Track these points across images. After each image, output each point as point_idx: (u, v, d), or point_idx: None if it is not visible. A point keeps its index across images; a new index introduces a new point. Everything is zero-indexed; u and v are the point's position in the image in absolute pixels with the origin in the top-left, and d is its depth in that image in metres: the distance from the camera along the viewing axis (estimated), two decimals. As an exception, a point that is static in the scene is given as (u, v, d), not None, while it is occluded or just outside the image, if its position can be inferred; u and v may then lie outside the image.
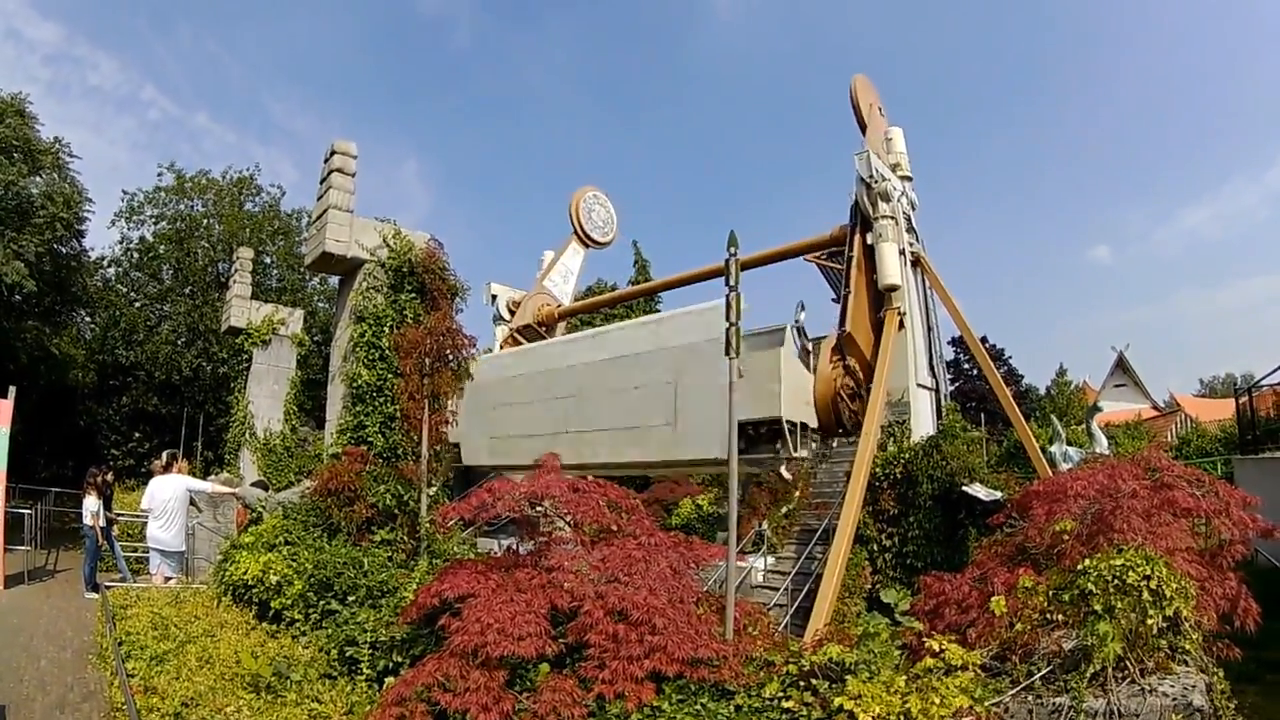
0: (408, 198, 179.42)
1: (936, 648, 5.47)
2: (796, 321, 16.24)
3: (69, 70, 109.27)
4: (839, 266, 17.83)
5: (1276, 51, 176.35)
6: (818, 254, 18.57)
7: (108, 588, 12.83)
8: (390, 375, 15.09)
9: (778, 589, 13.53)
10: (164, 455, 15.74)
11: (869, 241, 15.50)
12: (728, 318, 7.55)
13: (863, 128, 17.40)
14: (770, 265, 18.99)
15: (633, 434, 16.45)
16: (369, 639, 8.43)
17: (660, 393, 15.92)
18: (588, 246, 26.04)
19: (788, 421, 14.31)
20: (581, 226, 25.49)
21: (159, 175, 39.32)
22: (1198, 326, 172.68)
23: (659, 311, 39.08)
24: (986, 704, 5.06)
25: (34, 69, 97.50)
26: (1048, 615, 5.80)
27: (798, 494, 14.76)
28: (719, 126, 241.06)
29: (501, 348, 23.56)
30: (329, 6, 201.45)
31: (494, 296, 24.09)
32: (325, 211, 16.71)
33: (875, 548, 13.69)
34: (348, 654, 8.48)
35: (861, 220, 15.82)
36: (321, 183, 17.39)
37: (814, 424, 15.22)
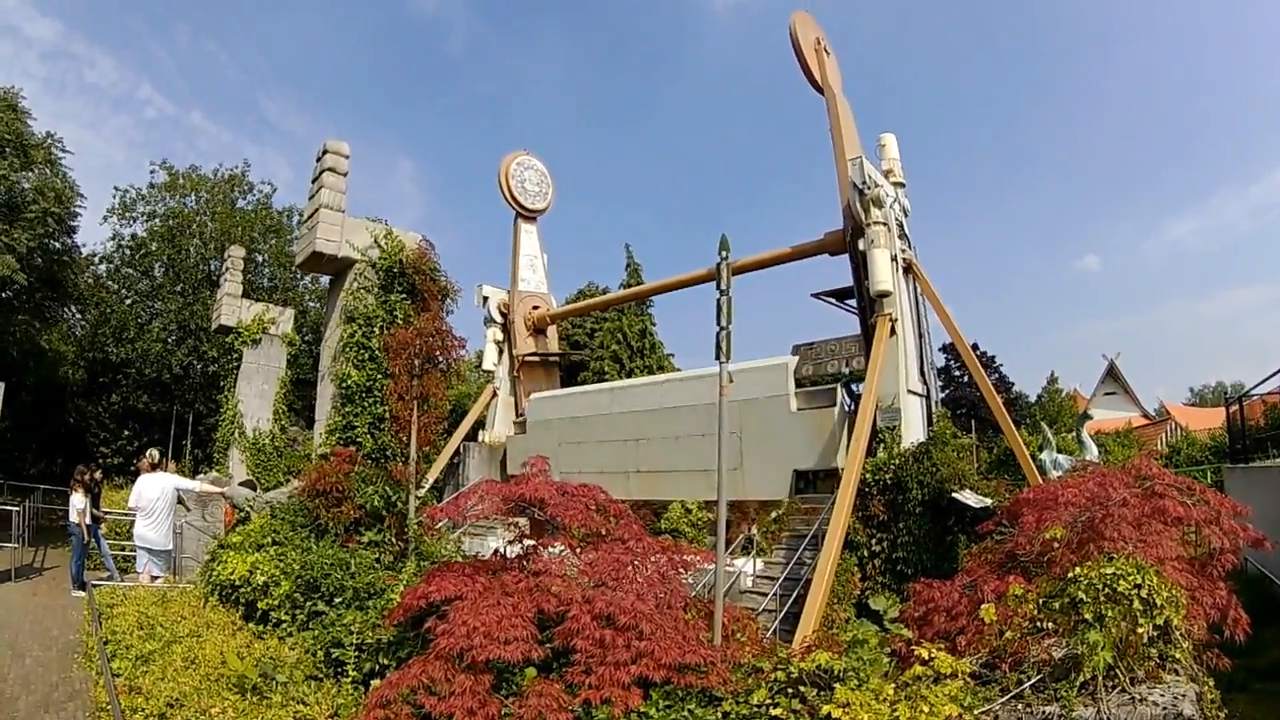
0: (402, 199, 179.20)
1: (926, 655, 5.44)
2: (847, 379, 18.30)
3: (66, 67, 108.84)
4: (843, 303, 17.98)
5: (1263, 66, 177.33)
6: (826, 294, 18.55)
7: (94, 586, 12.75)
8: (380, 376, 15.07)
9: (766, 594, 13.49)
10: (153, 453, 15.67)
11: (861, 247, 15.48)
12: (718, 321, 7.54)
13: (815, 85, 17.19)
14: (762, 270, 18.98)
15: (705, 475, 17.26)
16: (355, 641, 8.38)
17: (727, 441, 16.49)
18: (532, 219, 25.01)
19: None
20: (516, 199, 24.33)
21: (152, 172, 39.27)
22: (1183, 336, 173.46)
23: (652, 315, 39.13)
24: (976, 712, 5.04)
25: (31, 65, 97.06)
26: (1038, 623, 5.78)
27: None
28: (713, 130, 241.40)
29: (517, 374, 23.39)
30: (324, 8, 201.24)
31: (485, 298, 23.87)
32: (317, 211, 16.68)
33: (865, 553, 13.68)
34: (334, 656, 8.43)
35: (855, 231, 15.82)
36: (313, 182, 17.37)
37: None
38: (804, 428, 15.80)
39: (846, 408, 15.53)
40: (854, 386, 17.77)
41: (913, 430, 14.98)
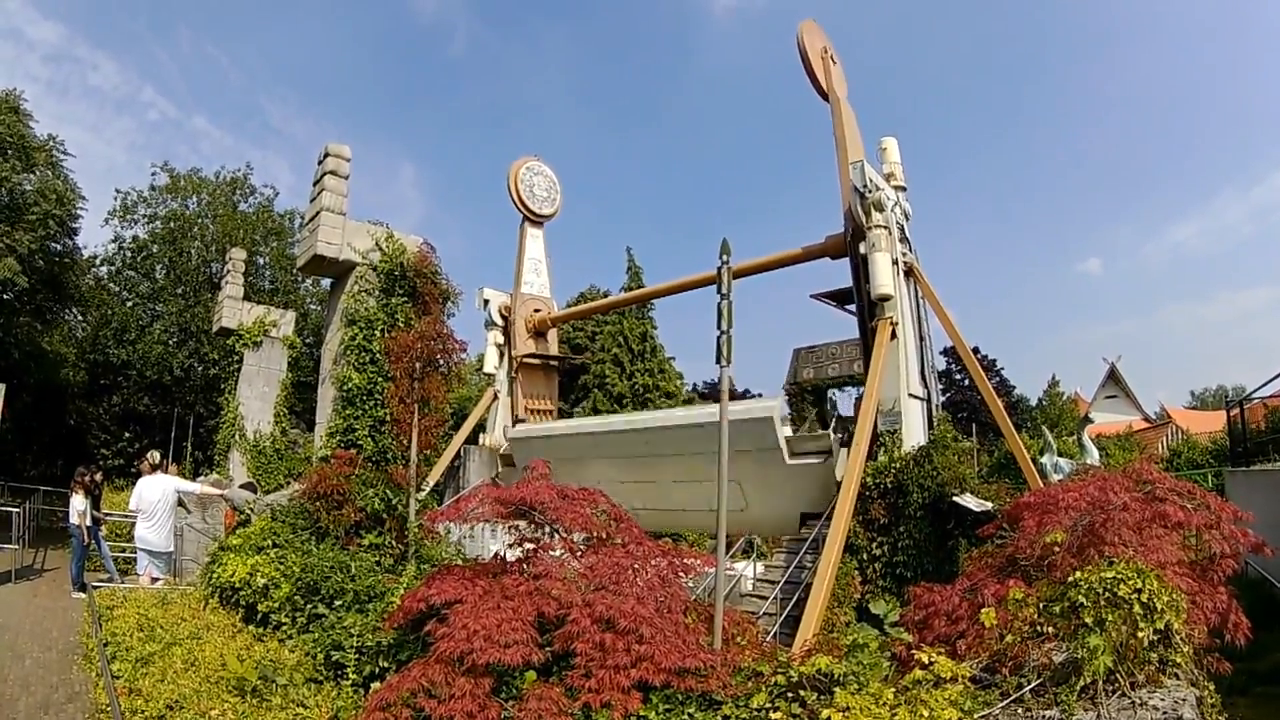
0: (404, 203, 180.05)
1: (926, 659, 5.44)
2: (836, 413, 18.66)
3: (69, 70, 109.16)
4: (843, 307, 17.99)
5: (1264, 69, 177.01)
6: (825, 295, 18.56)
7: (95, 588, 12.77)
8: (381, 379, 15.06)
9: (767, 598, 13.49)
10: (154, 455, 15.65)
11: (862, 251, 15.48)
12: (719, 325, 7.53)
13: (820, 91, 17.21)
14: (763, 274, 18.98)
15: (710, 514, 16.61)
16: (355, 644, 8.38)
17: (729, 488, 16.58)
18: (539, 224, 24.98)
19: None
20: (524, 204, 24.34)
21: (153, 174, 39.33)
22: (1185, 339, 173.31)
23: (653, 318, 39.18)
24: (976, 716, 5.04)
25: (34, 68, 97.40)
26: (1038, 627, 5.77)
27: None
28: (714, 135, 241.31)
29: (515, 374, 23.36)
30: (325, 12, 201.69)
31: (486, 301, 23.84)
32: (318, 214, 16.68)
33: (865, 557, 13.66)
34: (334, 658, 8.43)
35: (855, 231, 15.81)
36: (315, 185, 17.36)
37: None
38: (803, 476, 15.63)
39: (841, 440, 15.42)
40: (841, 411, 17.87)
41: (913, 434, 14.97)
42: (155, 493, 13.71)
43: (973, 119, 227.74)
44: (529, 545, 8.03)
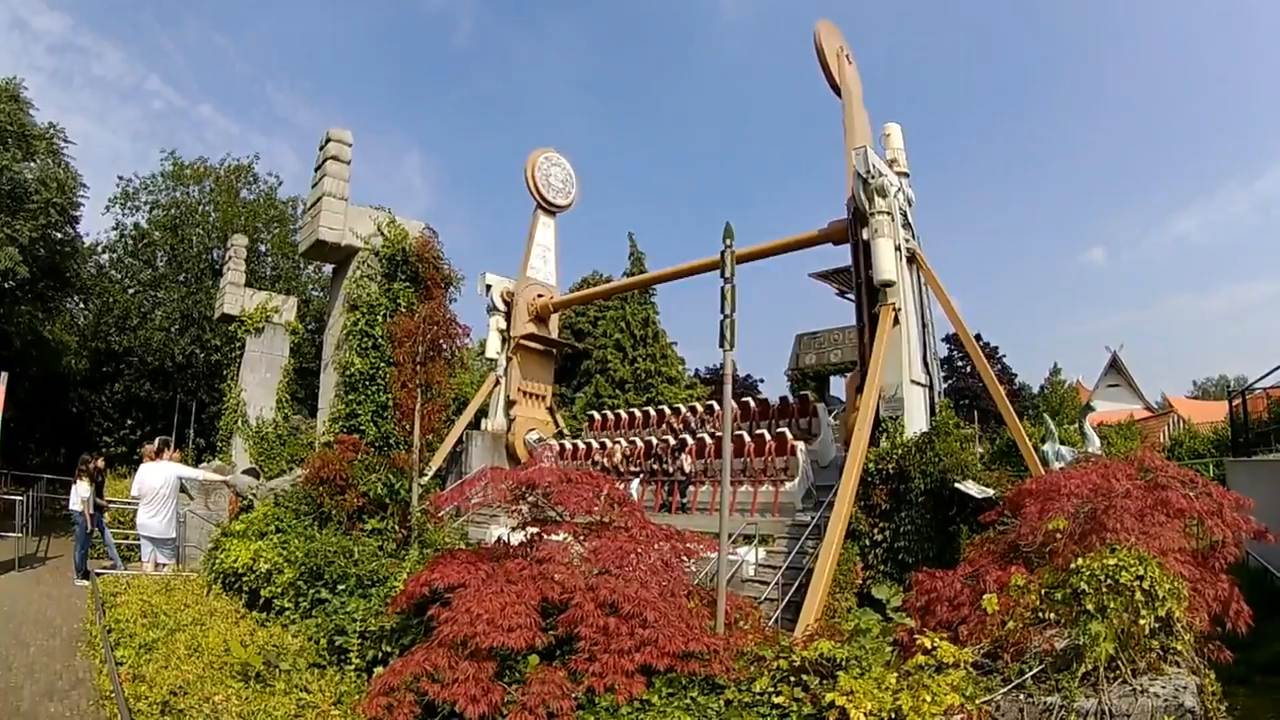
0: (409, 190, 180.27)
1: (928, 645, 5.46)
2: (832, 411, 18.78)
3: (73, 60, 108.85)
4: (843, 288, 17.99)
5: (1268, 61, 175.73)
6: (824, 274, 18.56)
7: (98, 575, 12.78)
8: (383, 364, 15.07)
9: (769, 583, 13.52)
10: (156, 441, 15.63)
11: (864, 237, 15.46)
12: (722, 310, 7.54)
13: (834, 87, 17.33)
14: (766, 259, 18.98)
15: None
16: (358, 628, 8.39)
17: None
18: (552, 214, 25.42)
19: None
20: (540, 192, 24.83)
21: (163, 159, 39.24)
22: (1188, 331, 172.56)
23: (655, 304, 39.12)
24: (978, 702, 5.05)
25: (38, 58, 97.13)
26: (1040, 614, 5.78)
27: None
28: (719, 123, 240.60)
29: (510, 358, 23.37)
30: (332, 1, 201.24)
31: (488, 286, 23.92)
32: (320, 199, 16.66)
33: (867, 543, 13.69)
34: (337, 643, 8.45)
35: (859, 221, 15.78)
36: (317, 170, 17.33)
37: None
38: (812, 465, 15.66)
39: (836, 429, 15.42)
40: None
41: (915, 420, 14.99)
42: (157, 479, 13.71)
43: (977, 107, 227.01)
44: (532, 529, 8.04)
